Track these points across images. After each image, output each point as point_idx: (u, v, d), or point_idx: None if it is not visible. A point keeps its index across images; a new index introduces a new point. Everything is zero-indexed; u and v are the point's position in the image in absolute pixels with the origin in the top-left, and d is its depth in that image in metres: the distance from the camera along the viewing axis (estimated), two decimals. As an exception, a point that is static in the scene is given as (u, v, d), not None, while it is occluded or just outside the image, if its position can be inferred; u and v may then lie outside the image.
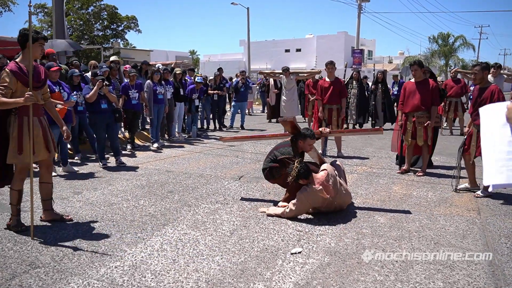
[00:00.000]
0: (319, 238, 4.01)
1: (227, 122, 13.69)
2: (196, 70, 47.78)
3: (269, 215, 4.67)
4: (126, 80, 9.13)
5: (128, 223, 4.37)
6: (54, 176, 6.40)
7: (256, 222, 4.46)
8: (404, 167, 6.97)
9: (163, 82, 9.56)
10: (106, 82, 7.17)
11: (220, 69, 12.93)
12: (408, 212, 4.87)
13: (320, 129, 5.72)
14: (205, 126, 12.73)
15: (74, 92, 6.79)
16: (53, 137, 4.44)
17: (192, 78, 11.42)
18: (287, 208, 4.58)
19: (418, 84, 6.61)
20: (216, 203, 5.13)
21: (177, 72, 10.42)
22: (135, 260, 3.48)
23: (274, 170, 4.97)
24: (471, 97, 13.23)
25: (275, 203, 5.10)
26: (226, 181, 6.30)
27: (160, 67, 10.72)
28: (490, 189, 2.07)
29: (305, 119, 14.24)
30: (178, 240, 3.92)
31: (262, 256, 3.59)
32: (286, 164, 4.80)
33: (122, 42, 42.35)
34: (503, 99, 5.42)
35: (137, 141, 9.83)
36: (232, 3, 30.89)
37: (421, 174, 6.71)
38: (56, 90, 6.53)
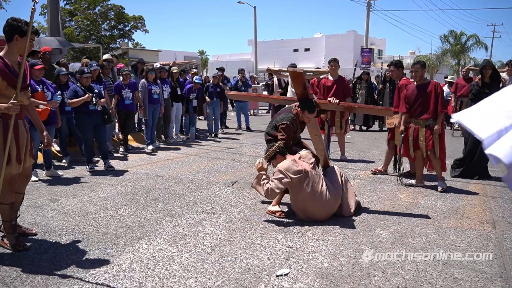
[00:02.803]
0: (310, 257, 3.53)
1: (229, 123, 13.27)
2: (204, 70, 47.17)
3: (253, 187, 4.52)
4: (119, 79, 8.71)
5: (100, 237, 3.93)
6: (35, 181, 6.04)
7: (242, 236, 3.99)
8: (410, 170, 6.53)
9: (159, 81, 9.15)
10: (96, 98, 6.70)
11: (221, 69, 12.50)
12: (414, 224, 4.37)
13: (329, 98, 5.35)
14: (213, 131, 11.19)
15: (58, 92, 6.39)
16: (33, 142, 4.02)
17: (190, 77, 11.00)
18: (268, 183, 4.34)
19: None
20: (202, 213, 4.68)
21: (174, 71, 9.99)
22: (96, 282, 3.04)
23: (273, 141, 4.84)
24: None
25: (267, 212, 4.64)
26: (217, 187, 5.85)
27: (159, 66, 10.27)
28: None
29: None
30: (150, 258, 3.47)
31: (242, 279, 3.12)
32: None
33: (131, 42, 42.25)
34: (442, 93, 5.74)
35: (133, 143, 9.43)
36: (238, 2, 30.47)
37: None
38: (39, 89, 6.14)
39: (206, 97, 10.88)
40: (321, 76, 12.62)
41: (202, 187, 5.81)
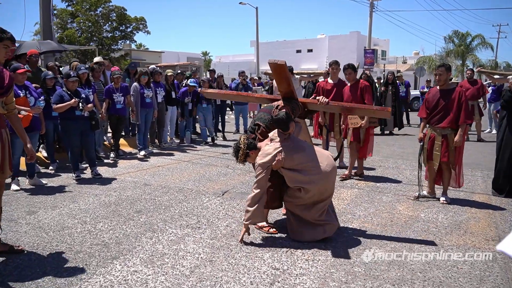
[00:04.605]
0: (297, 280, 3.22)
1: (227, 126, 12.89)
2: (207, 72, 47.09)
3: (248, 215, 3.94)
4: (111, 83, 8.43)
5: (72, 256, 3.63)
6: (17, 190, 5.76)
7: (225, 255, 3.69)
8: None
9: (152, 85, 8.86)
10: (83, 104, 6.42)
11: (213, 71, 12.22)
12: (413, 241, 4.05)
13: (318, 97, 4.75)
14: (208, 139, 10.41)
15: (41, 98, 6.10)
16: (11, 154, 3.74)
17: (185, 80, 10.69)
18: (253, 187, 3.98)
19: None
20: (186, 227, 4.37)
21: (168, 74, 9.71)
22: (57, 313, 2.74)
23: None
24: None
25: (256, 228, 4.34)
26: (206, 197, 5.54)
27: (154, 68, 9.98)
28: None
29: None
30: (122, 282, 3.17)
31: (219, 309, 2.82)
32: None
33: (134, 43, 42.06)
34: (467, 101, 5.24)
35: (125, 148, 9.16)
36: (240, 3, 30.21)
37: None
38: (22, 94, 5.85)
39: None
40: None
41: (190, 198, 5.51)
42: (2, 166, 3.50)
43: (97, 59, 8.94)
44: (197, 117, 10.46)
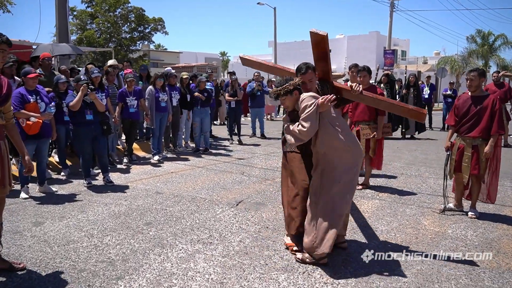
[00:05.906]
0: (315, 309, 2.95)
1: (246, 130, 12.60)
2: (225, 72, 46.62)
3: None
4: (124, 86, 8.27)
5: (75, 275, 3.43)
6: (25, 199, 5.62)
7: (237, 276, 3.44)
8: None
9: (167, 88, 8.68)
10: (91, 86, 6.33)
11: (233, 73, 11.92)
12: (441, 262, 3.72)
13: (351, 83, 4.25)
14: (202, 146, 9.57)
15: (52, 104, 5.94)
16: (10, 166, 3.56)
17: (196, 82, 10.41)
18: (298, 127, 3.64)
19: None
20: (197, 243, 4.14)
21: (184, 77, 9.51)
22: None
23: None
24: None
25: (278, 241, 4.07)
26: (220, 208, 5.30)
27: (169, 71, 9.79)
28: None
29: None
30: (126, 307, 2.95)
31: None
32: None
33: (152, 44, 42.21)
34: (501, 110, 4.90)
35: (139, 153, 9.00)
36: (258, 3, 29.95)
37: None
38: (32, 100, 5.73)
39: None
40: (340, 80, 11.98)
41: (203, 208, 5.28)
42: (3, 180, 3.32)
43: (111, 62, 8.80)
44: (195, 122, 9.49)
